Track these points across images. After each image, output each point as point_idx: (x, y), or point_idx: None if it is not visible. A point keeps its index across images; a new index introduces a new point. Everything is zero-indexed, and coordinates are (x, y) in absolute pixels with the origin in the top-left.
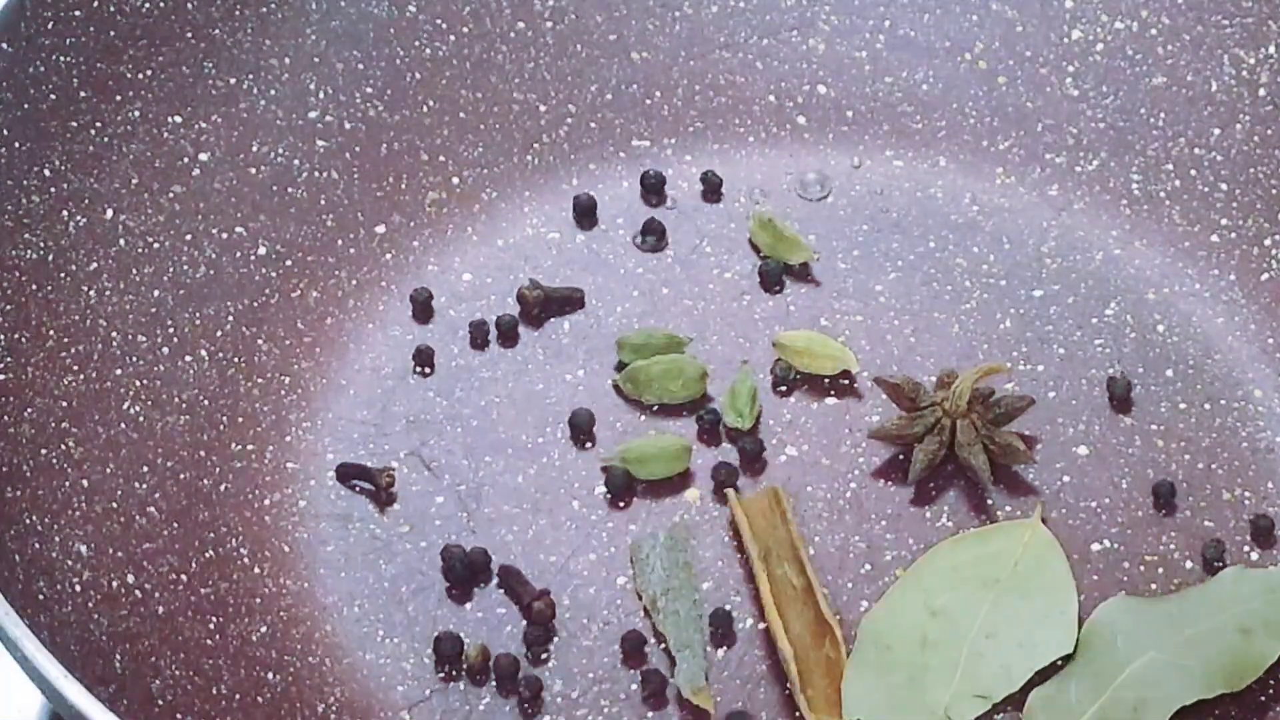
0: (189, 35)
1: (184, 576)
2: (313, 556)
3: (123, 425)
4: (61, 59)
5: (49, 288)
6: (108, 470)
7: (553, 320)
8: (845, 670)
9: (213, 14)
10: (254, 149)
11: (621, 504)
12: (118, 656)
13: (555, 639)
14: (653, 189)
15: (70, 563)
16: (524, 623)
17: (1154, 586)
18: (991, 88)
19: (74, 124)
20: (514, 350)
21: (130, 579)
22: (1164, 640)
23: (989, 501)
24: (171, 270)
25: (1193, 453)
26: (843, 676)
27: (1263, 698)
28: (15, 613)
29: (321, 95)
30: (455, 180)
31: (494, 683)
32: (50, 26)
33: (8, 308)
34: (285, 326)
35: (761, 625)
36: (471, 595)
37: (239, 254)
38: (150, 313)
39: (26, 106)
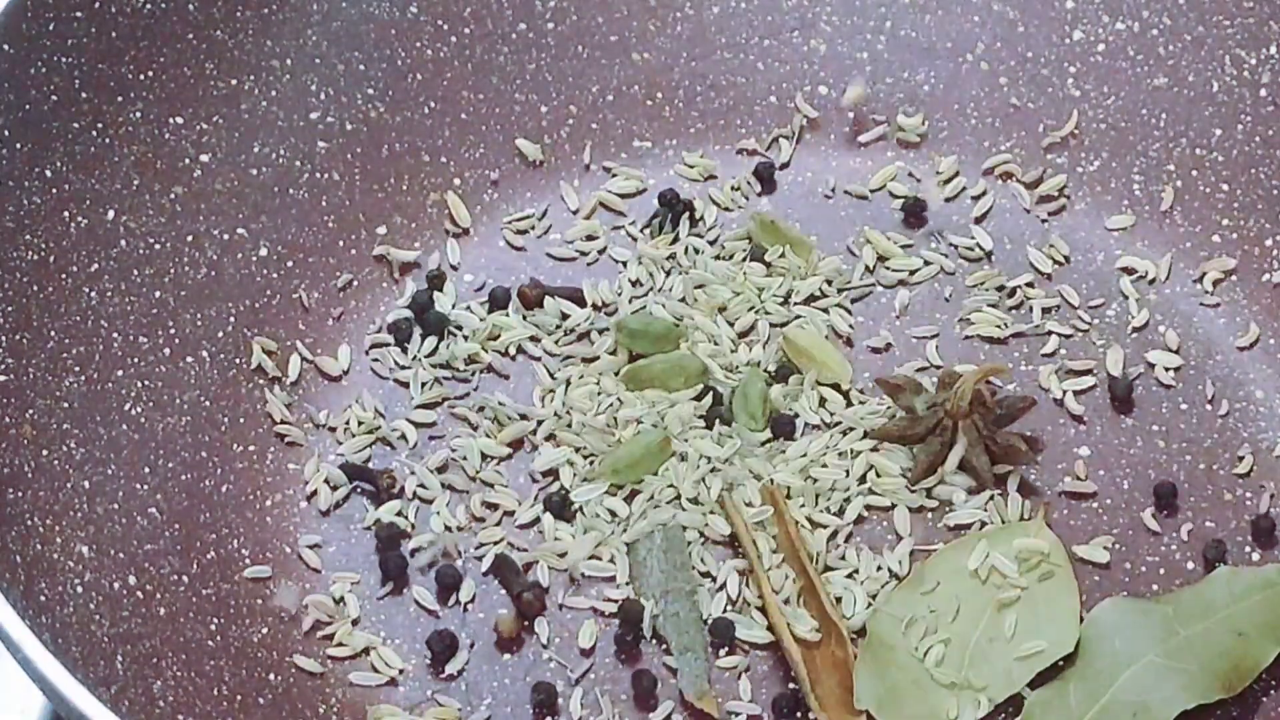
0: (190, 36)
1: (185, 578)
2: (314, 557)
3: (124, 426)
4: (62, 60)
5: (50, 289)
6: (109, 471)
7: None
8: (856, 665)
9: (214, 15)
10: (255, 150)
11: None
12: (119, 658)
13: (549, 627)
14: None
15: (72, 564)
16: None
17: (1155, 587)
18: (993, 88)
19: (75, 125)
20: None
21: (132, 580)
22: (1161, 642)
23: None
24: (172, 271)
25: (1194, 453)
26: (851, 674)
27: (1265, 698)
28: (17, 614)
29: (323, 96)
30: (457, 181)
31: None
32: (51, 27)
33: (9, 309)
34: (286, 327)
35: (765, 626)
36: (473, 596)
37: (240, 255)
38: (151, 314)
39: (28, 107)
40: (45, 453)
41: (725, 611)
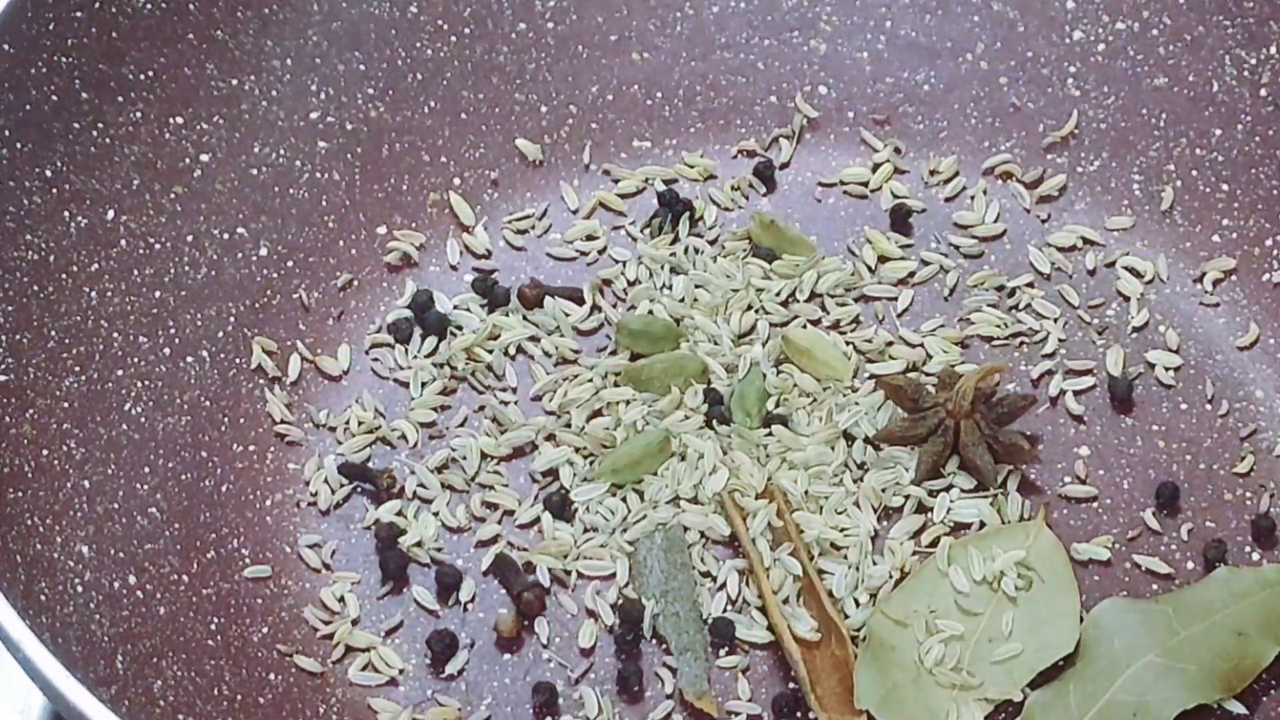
0: (190, 36)
1: (185, 577)
2: (314, 557)
3: (124, 426)
4: (63, 60)
5: (50, 288)
6: (109, 471)
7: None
8: (856, 665)
9: (214, 15)
10: (255, 150)
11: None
12: (119, 657)
13: (550, 629)
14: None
15: (72, 564)
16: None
17: (1155, 588)
18: (993, 88)
19: (75, 125)
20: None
21: (132, 580)
22: (1161, 642)
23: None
24: (173, 271)
25: (1194, 453)
26: (851, 674)
27: (1264, 698)
28: (17, 614)
29: (323, 96)
30: (456, 181)
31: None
32: (51, 27)
33: (9, 308)
34: (286, 327)
35: (765, 626)
36: (473, 596)
37: (240, 255)
38: (151, 314)
39: (28, 107)
40: (45, 453)
41: (725, 611)
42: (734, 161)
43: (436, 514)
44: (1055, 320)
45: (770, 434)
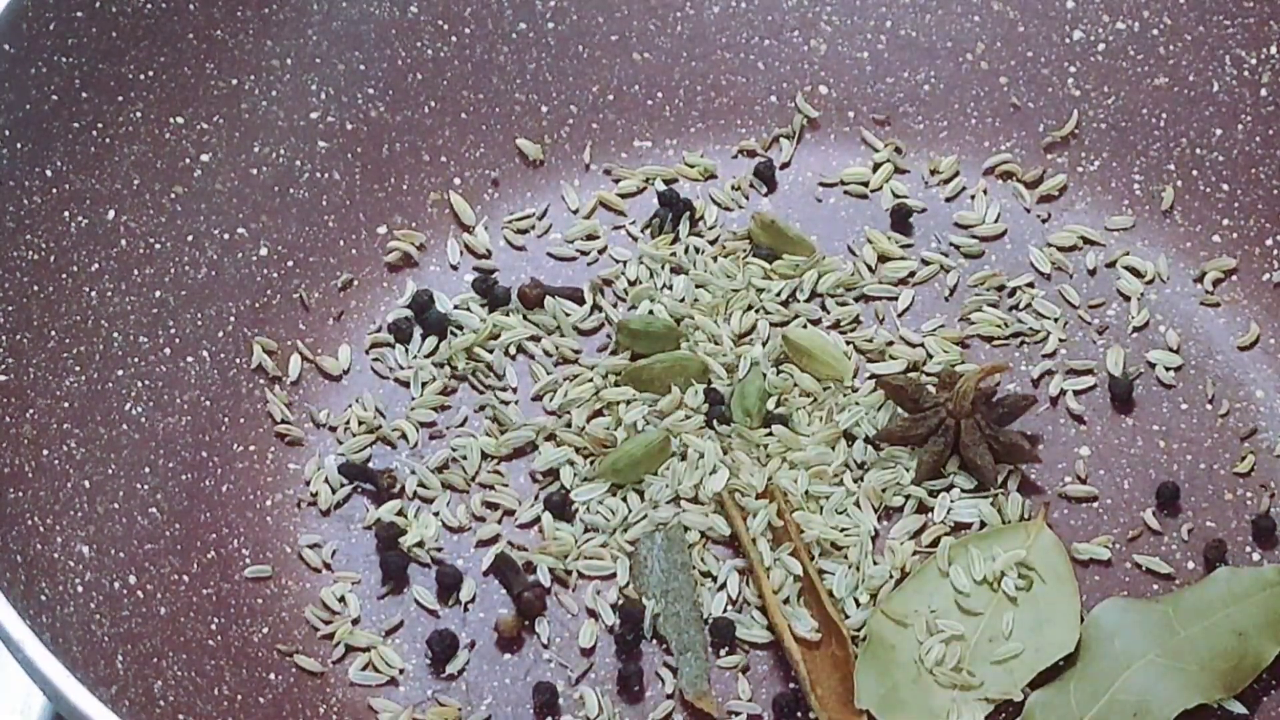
0: (190, 36)
1: (185, 577)
2: (314, 557)
3: (124, 426)
4: (63, 60)
5: (50, 288)
6: (109, 471)
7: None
8: (856, 665)
9: (214, 15)
10: (255, 150)
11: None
12: (119, 657)
13: (550, 628)
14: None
15: (72, 564)
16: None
17: (1156, 588)
18: (993, 88)
19: (75, 125)
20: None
21: (132, 580)
22: (1161, 642)
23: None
24: (173, 271)
25: (1194, 453)
26: (851, 674)
27: (1264, 698)
28: (17, 614)
29: (323, 96)
30: (457, 180)
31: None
32: (51, 27)
33: (9, 308)
34: (286, 327)
35: (765, 626)
36: (473, 596)
37: (240, 255)
38: (152, 313)
39: (28, 107)
40: (45, 453)
41: (725, 611)
42: (734, 161)
43: (437, 514)
44: (1055, 320)
45: (770, 434)
